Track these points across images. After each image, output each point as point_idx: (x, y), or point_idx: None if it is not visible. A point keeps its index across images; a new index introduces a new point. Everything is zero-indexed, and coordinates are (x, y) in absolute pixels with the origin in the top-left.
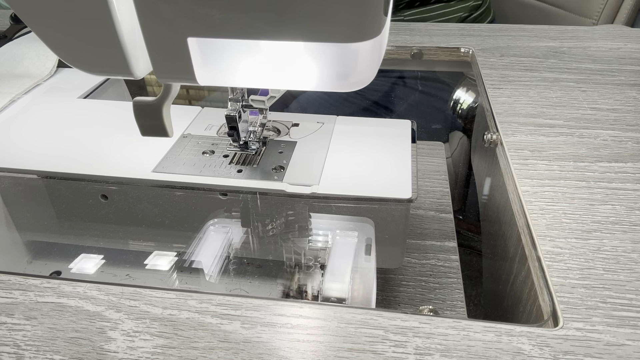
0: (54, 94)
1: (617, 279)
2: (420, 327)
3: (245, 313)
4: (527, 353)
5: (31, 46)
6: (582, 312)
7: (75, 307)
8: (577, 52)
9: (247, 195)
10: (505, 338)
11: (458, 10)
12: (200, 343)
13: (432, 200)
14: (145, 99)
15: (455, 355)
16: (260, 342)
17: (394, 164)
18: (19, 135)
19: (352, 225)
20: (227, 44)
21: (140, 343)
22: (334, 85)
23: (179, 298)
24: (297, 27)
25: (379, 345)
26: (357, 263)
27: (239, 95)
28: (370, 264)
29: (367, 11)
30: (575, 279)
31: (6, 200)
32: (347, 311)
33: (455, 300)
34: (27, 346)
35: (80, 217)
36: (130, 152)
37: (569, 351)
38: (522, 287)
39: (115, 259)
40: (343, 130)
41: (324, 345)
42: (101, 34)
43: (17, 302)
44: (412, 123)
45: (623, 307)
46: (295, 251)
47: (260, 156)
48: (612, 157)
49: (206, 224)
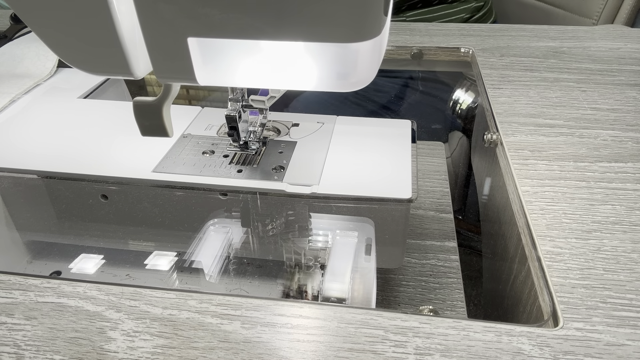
0: (54, 94)
1: (617, 279)
2: (420, 327)
3: (246, 313)
4: (527, 353)
5: (31, 46)
6: (582, 312)
7: (75, 307)
8: (577, 52)
9: (247, 195)
10: (505, 338)
11: (460, 12)
12: (200, 343)
13: (432, 200)
14: (145, 99)
15: (455, 355)
16: (260, 342)
17: (394, 164)
18: (19, 135)
19: (352, 225)
20: (227, 44)
21: (140, 343)
22: (334, 85)
23: (179, 298)
24: (297, 27)
25: (379, 345)
26: (357, 263)
27: (239, 95)
28: (370, 264)
29: (367, 11)
30: (575, 279)
31: (6, 200)
32: (347, 311)
33: (455, 300)
34: (27, 346)
35: (80, 217)
36: (130, 152)
37: (569, 351)
38: (522, 287)
39: (115, 259)
40: (343, 130)
41: (324, 345)
42: (101, 34)
43: (17, 302)
44: (412, 123)
45: (623, 307)
46: (295, 251)
47: (260, 156)
48: (612, 157)
49: (206, 224)
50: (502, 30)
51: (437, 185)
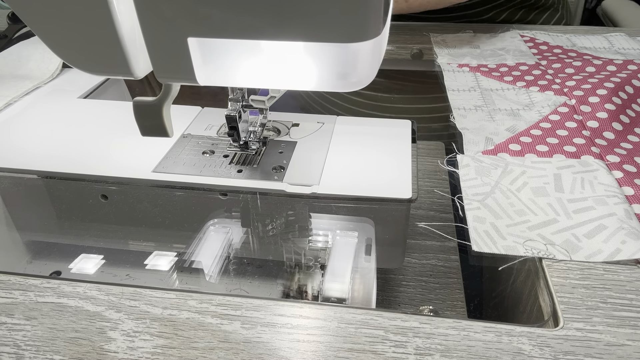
0: (54, 94)
1: (617, 279)
2: (421, 327)
3: (246, 313)
4: (527, 353)
5: (38, 47)
6: (582, 312)
7: (75, 307)
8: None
9: (247, 195)
10: (505, 338)
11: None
12: (200, 343)
13: (432, 200)
14: (145, 99)
15: (455, 355)
16: (261, 342)
17: (394, 164)
18: (19, 135)
19: (352, 225)
20: (227, 44)
21: (140, 343)
22: (334, 85)
23: (179, 298)
24: (297, 27)
25: (379, 346)
26: (357, 263)
27: (239, 95)
28: (370, 264)
29: (367, 11)
30: (575, 279)
31: (6, 200)
32: (347, 311)
33: (455, 300)
34: (27, 346)
35: (80, 217)
36: (130, 152)
37: (569, 351)
38: (522, 287)
39: (115, 259)
40: (343, 130)
41: (324, 345)
42: (101, 34)
43: (17, 302)
44: (412, 123)
45: (623, 307)
46: (295, 251)
47: (260, 156)
48: None
49: (206, 224)
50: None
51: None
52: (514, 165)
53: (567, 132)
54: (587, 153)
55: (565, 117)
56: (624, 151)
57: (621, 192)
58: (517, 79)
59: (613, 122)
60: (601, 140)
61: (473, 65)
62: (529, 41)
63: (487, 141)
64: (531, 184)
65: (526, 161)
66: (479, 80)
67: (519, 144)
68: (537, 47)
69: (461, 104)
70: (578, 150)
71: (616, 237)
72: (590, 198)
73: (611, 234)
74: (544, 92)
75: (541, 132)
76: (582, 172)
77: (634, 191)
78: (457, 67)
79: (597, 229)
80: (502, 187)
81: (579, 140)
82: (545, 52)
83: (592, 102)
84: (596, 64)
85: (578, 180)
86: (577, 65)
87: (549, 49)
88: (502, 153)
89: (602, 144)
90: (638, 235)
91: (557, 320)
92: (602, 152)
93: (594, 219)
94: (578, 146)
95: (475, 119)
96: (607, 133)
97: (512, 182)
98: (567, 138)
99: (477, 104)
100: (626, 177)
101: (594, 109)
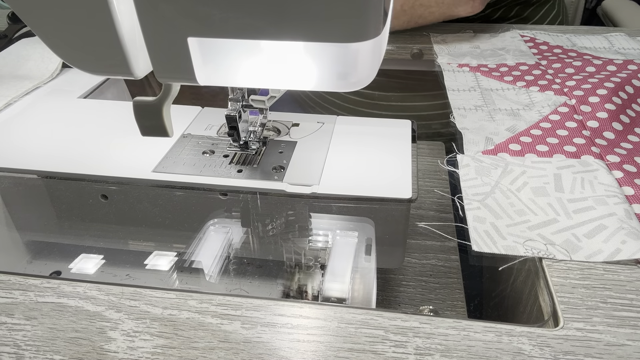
0: (54, 94)
1: (617, 279)
2: (421, 327)
3: (246, 313)
4: (528, 353)
5: (37, 47)
6: (582, 312)
7: (75, 307)
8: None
9: (247, 195)
10: (505, 338)
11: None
12: (201, 343)
13: (432, 200)
14: (145, 99)
15: (455, 355)
16: (261, 342)
17: (394, 164)
18: (19, 135)
19: (352, 225)
20: (227, 44)
21: (140, 343)
22: (334, 85)
23: (179, 298)
24: (297, 27)
25: (379, 346)
26: (357, 263)
27: (239, 95)
28: (370, 264)
29: (367, 11)
30: (575, 279)
31: (6, 200)
32: (347, 311)
33: (455, 300)
34: (27, 346)
35: (80, 217)
36: (130, 152)
37: (569, 351)
38: (523, 287)
39: (115, 259)
40: (343, 130)
41: (324, 345)
42: (101, 34)
43: (17, 302)
44: (412, 123)
45: (623, 307)
46: (295, 251)
47: (260, 156)
48: None
49: (206, 224)
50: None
51: (437, 185)
52: (514, 165)
53: (567, 132)
54: (587, 153)
55: (565, 117)
56: (624, 151)
57: (621, 192)
58: (517, 79)
59: (613, 122)
60: (601, 140)
61: (473, 65)
62: (529, 41)
63: (487, 141)
64: (531, 183)
65: (526, 161)
66: (479, 80)
67: (519, 144)
68: (537, 47)
69: (461, 104)
70: (578, 150)
71: (616, 237)
72: (591, 198)
73: (611, 233)
74: (544, 92)
75: (541, 132)
76: (582, 172)
77: (634, 191)
78: (457, 67)
79: (597, 228)
80: (502, 187)
81: (579, 140)
82: (546, 52)
83: (592, 102)
84: (596, 64)
85: (578, 180)
86: (577, 65)
87: (549, 48)
88: (502, 153)
89: (602, 144)
90: (638, 235)
91: (557, 320)
92: (602, 152)
93: (594, 219)
94: (578, 146)
95: (475, 119)
96: (607, 133)
97: (512, 182)
98: (567, 138)
99: (477, 103)
100: (626, 177)
101: (594, 109)
